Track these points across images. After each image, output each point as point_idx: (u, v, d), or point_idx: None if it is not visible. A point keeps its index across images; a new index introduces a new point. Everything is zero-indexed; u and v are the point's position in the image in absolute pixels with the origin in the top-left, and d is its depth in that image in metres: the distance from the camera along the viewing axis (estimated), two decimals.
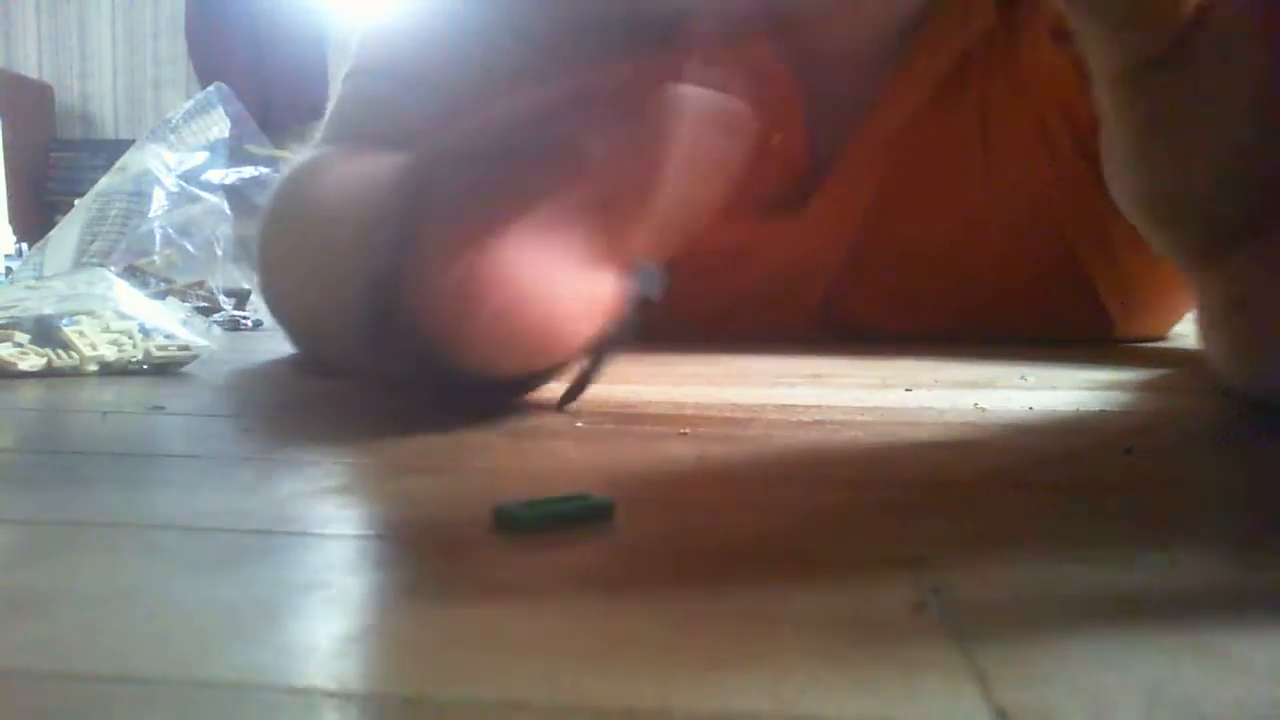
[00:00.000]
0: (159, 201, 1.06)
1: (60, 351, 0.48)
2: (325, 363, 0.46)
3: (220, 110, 1.19)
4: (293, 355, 0.54)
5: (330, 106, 0.62)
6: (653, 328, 0.29)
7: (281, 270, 0.52)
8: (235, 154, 1.16)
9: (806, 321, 0.65)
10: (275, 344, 0.60)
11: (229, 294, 0.97)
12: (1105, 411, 0.35)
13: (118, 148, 2.07)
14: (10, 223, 2.32)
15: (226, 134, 1.17)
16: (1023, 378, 0.44)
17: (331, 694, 0.12)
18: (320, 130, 0.61)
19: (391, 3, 0.55)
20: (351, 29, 0.27)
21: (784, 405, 0.36)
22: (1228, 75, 0.27)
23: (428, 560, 0.18)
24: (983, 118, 0.59)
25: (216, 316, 0.89)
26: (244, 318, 0.91)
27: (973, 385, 0.42)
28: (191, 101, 1.20)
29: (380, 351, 0.31)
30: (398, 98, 0.53)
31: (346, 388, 0.40)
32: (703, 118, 0.27)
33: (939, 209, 0.61)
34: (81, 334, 0.49)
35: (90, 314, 0.51)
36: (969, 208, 0.61)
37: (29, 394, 0.41)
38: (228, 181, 1.11)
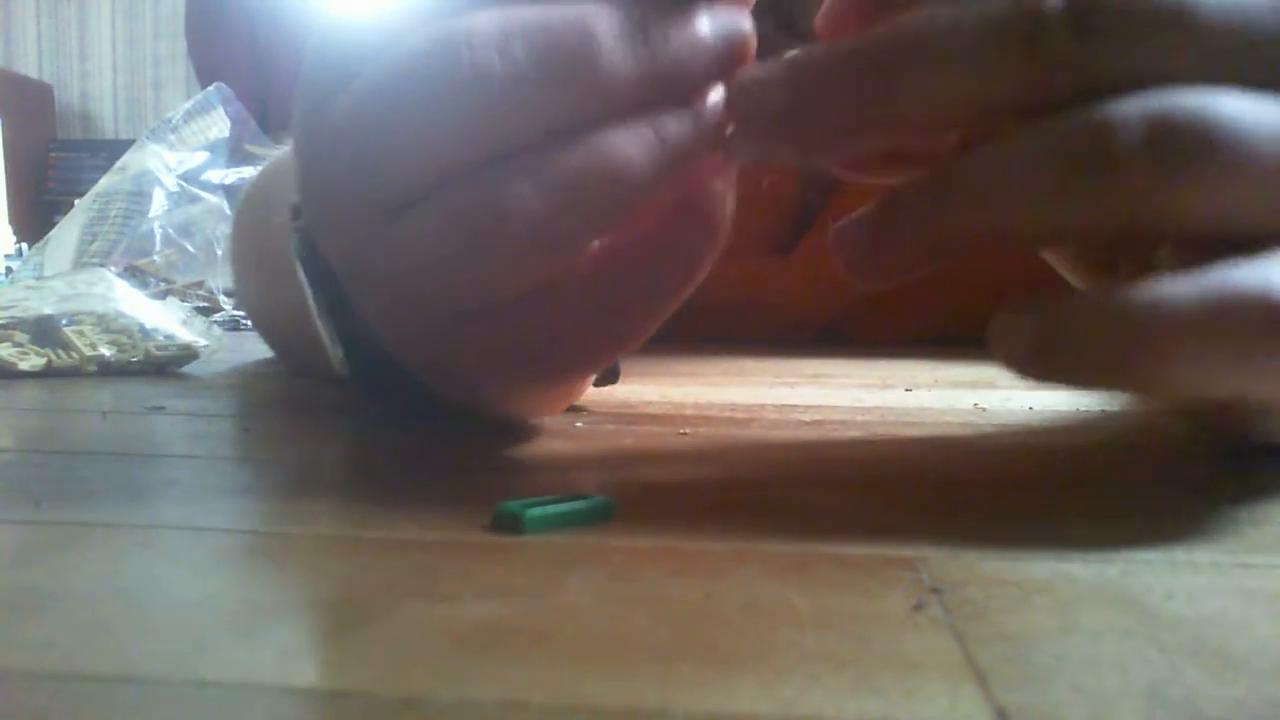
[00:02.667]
0: (159, 201, 1.07)
1: (60, 351, 0.48)
2: (304, 371, 0.46)
3: (220, 110, 1.19)
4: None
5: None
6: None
7: (245, 282, 0.52)
8: (235, 154, 1.16)
9: (807, 340, 0.66)
10: None
11: (229, 294, 0.97)
12: (1105, 411, 0.35)
13: (118, 148, 2.07)
14: (10, 223, 2.32)
15: (226, 134, 1.17)
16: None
17: (331, 694, 0.12)
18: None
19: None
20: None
21: (784, 405, 0.36)
22: None
23: (428, 560, 0.18)
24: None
25: (216, 316, 0.89)
26: (244, 317, 0.91)
27: (973, 385, 0.42)
28: (191, 101, 1.20)
29: (352, 378, 0.29)
30: None
31: (344, 389, 0.40)
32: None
33: None
34: (81, 334, 0.49)
35: (90, 314, 0.51)
36: None
37: (29, 394, 0.41)
38: (228, 181, 1.11)
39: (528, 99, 0.20)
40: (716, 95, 0.22)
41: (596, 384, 0.34)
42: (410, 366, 0.26)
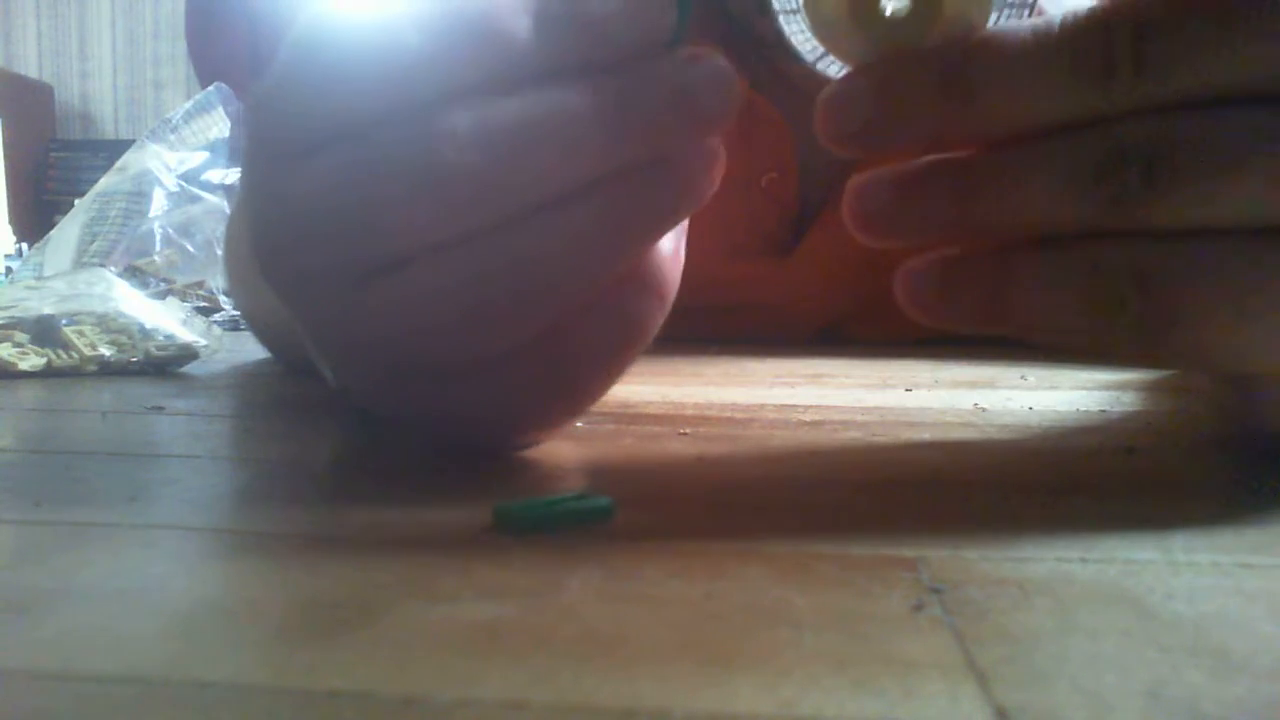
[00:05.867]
0: (159, 201, 1.06)
1: (60, 351, 0.48)
2: (300, 372, 0.46)
3: (220, 110, 1.19)
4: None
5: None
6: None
7: (239, 285, 0.52)
8: (235, 154, 1.16)
9: (807, 340, 0.66)
10: None
11: (229, 294, 0.97)
12: (1105, 411, 0.35)
13: (118, 148, 2.07)
14: (10, 223, 2.32)
15: (226, 134, 1.17)
16: (1023, 378, 0.44)
17: (331, 694, 0.12)
18: None
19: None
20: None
21: (784, 405, 0.36)
22: None
23: (428, 560, 0.18)
24: None
25: (216, 316, 0.89)
26: (243, 317, 0.91)
27: (973, 385, 0.42)
28: (191, 101, 1.20)
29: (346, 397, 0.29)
30: None
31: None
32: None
33: None
34: (81, 334, 0.49)
35: (90, 314, 0.51)
36: None
37: (29, 394, 0.41)
38: (228, 181, 1.11)
39: (509, 189, 0.21)
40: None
41: None
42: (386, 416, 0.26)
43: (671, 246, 0.25)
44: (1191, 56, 0.20)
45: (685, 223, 0.25)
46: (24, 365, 0.46)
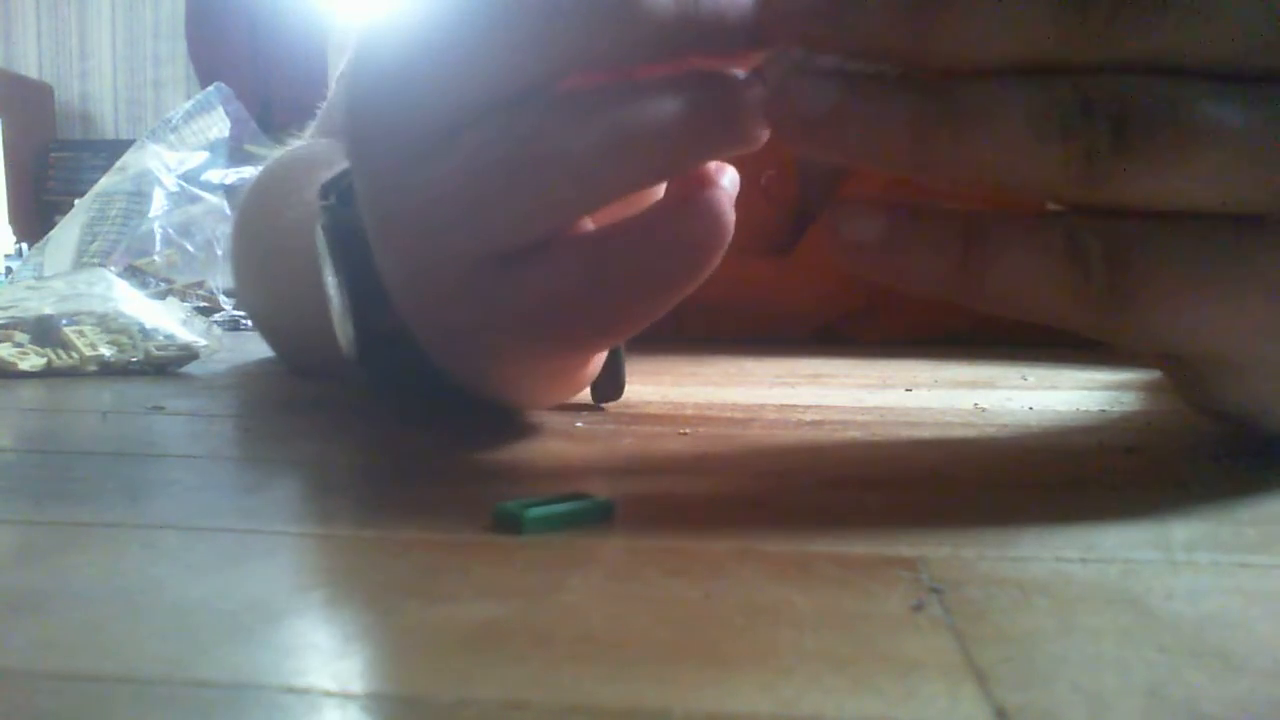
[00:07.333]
0: (159, 201, 1.07)
1: (60, 351, 0.48)
2: (305, 372, 0.46)
3: (220, 110, 1.19)
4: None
5: (321, 109, 0.61)
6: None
7: (250, 286, 0.52)
8: (235, 154, 1.16)
9: (807, 340, 0.66)
10: None
11: (229, 294, 0.97)
12: (1105, 411, 0.35)
13: (118, 148, 2.07)
14: (10, 223, 2.32)
15: (226, 134, 1.18)
16: (1023, 378, 0.44)
17: (331, 694, 0.12)
18: (308, 134, 0.61)
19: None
20: (350, 27, 0.24)
21: (784, 405, 0.36)
22: None
23: (428, 560, 0.18)
24: None
25: (216, 316, 0.89)
26: (244, 317, 0.91)
27: (973, 385, 0.42)
28: (191, 101, 1.20)
29: (371, 373, 0.30)
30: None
31: (344, 388, 0.40)
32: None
33: None
34: (81, 334, 0.49)
35: (90, 314, 0.51)
36: None
37: (29, 394, 0.41)
38: (228, 181, 1.11)
39: (566, 32, 0.21)
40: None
41: (598, 399, 0.34)
42: (419, 331, 0.26)
43: (730, 188, 0.24)
44: (1174, 11, 0.19)
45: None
46: (24, 365, 0.46)
